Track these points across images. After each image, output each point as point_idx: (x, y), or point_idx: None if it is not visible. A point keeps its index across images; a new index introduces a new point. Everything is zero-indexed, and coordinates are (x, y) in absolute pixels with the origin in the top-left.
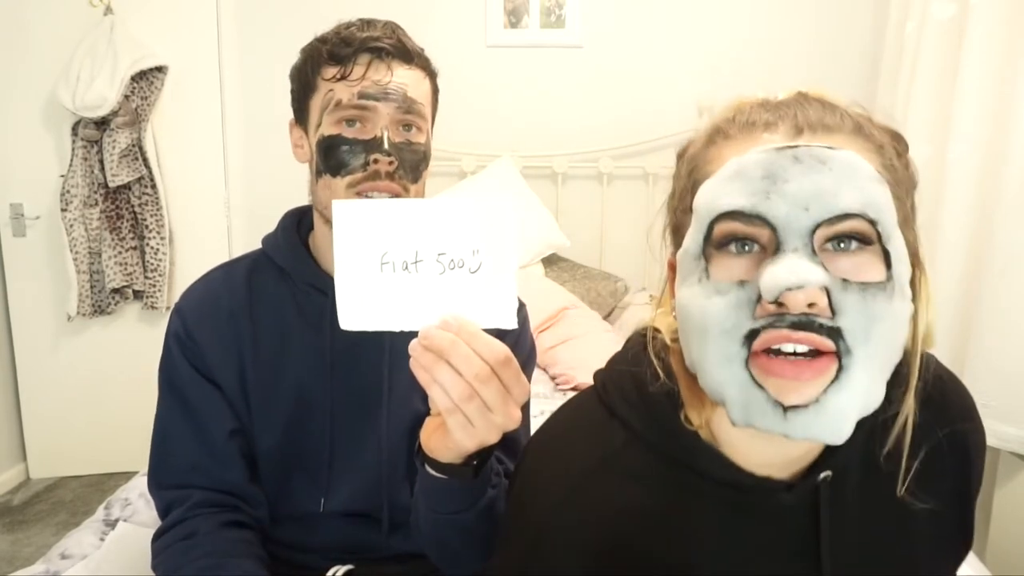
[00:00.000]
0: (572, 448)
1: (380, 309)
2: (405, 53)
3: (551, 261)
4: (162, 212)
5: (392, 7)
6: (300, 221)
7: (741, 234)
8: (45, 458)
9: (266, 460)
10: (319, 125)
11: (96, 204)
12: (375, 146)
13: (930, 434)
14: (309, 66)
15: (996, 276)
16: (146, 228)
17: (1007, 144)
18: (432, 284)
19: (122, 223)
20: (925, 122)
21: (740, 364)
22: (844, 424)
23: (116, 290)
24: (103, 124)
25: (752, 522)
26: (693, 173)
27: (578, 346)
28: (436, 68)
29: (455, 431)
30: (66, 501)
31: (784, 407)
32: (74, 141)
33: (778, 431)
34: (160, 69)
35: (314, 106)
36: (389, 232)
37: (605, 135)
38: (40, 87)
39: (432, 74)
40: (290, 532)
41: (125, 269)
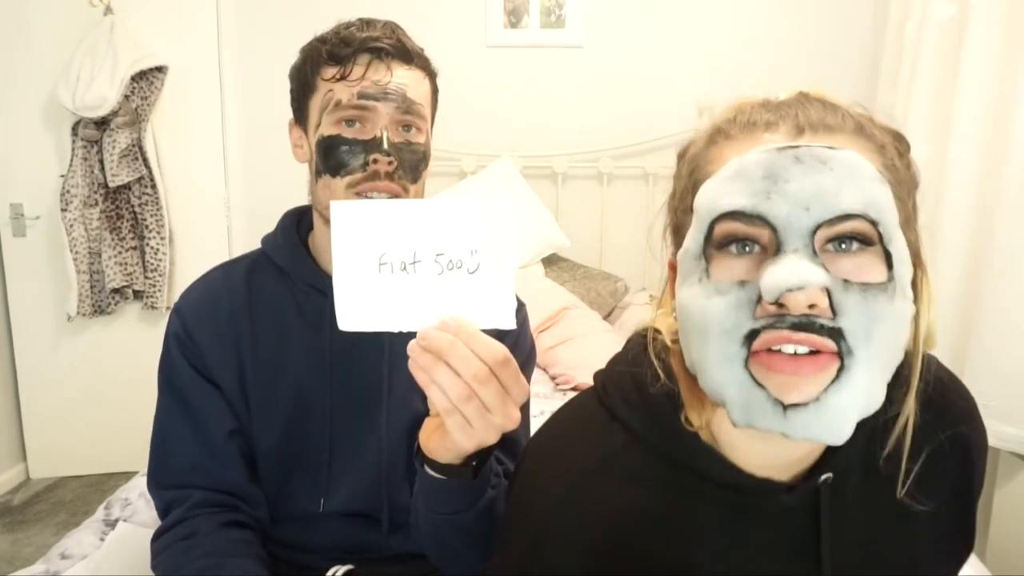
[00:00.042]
0: (572, 449)
1: (378, 310)
2: (405, 53)
3: (551, 261)
4: (162, 212)
5: (392, 7)
6: (300, 221)
7: (742, 234)
8: (45, 458)
9: (266, 460)
10: (318, 125)
11: (96, 204)
12: (374, 146)
13: (931, 436)
14: (308, 66)
15: (996, 276)
16: (146, 228)
17: (1007, 144)
18: (430, 285)
19: (122, 223)
20: (925, 122)
21: (740, 364)
22: (844, 424)
23: (116, 290)
24: (103, 124)
25: (752, 524)
26: (694, 173)
27: (578, 346)
28: (436, 68)
29: (454, 432)
30: (66, 501)
31: (784, 406)
32: (74, 141)
33: (778, 430)
34: (160, 69)
35: (313, 106)
36: (387, 233)
37: (605, 135)
38: (40, 87)
39: (432, 74)
40: (290, 532)
41: (125, 269)
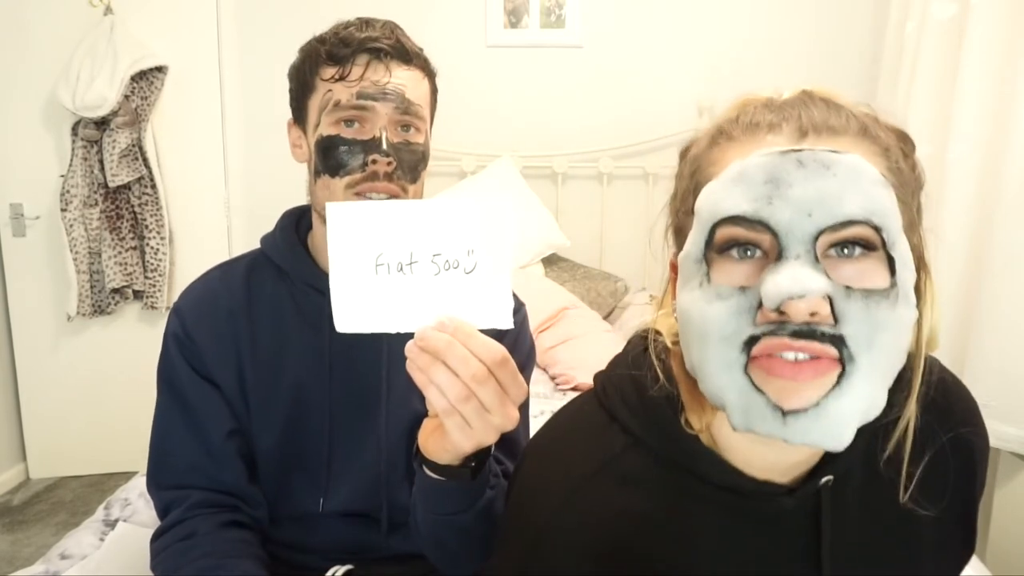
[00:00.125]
0: (572, 451)
1: (376, 311)
2: (404, 53)
3: (551, 261)
4: (162, 212)
5: (391, 7)
6: (299, 221)
7: (743, 239)
8: (45, 458)
9: (265, 460)
10: (317, 125)
11: (96, 204)
12: (373, 147)
13: (933, 438)
14: (307, 66)
15: (996, 276)
16: (146, 228)
17: (1007, 144)
18: (427, 285)
19: (122, 223)
20: (925, 122)
21: (740, 370)
22: (844, 430)
23: (116, 290)
24: (103, 124)
25: (753, 527)
26: (696, 174)
27: (578, 346)
28: (435, 68)
29: (452, 432)
30: (66, 501)
31: (784, 411)
32: (74, 141)
33: (778, 436)
34: (160, 69)
35: (312, 106)
36: (383, 233)
37: (605, 135)
38: (40, 87)
39: (431, 74)
40: (289, 532)
41: (125, 269)
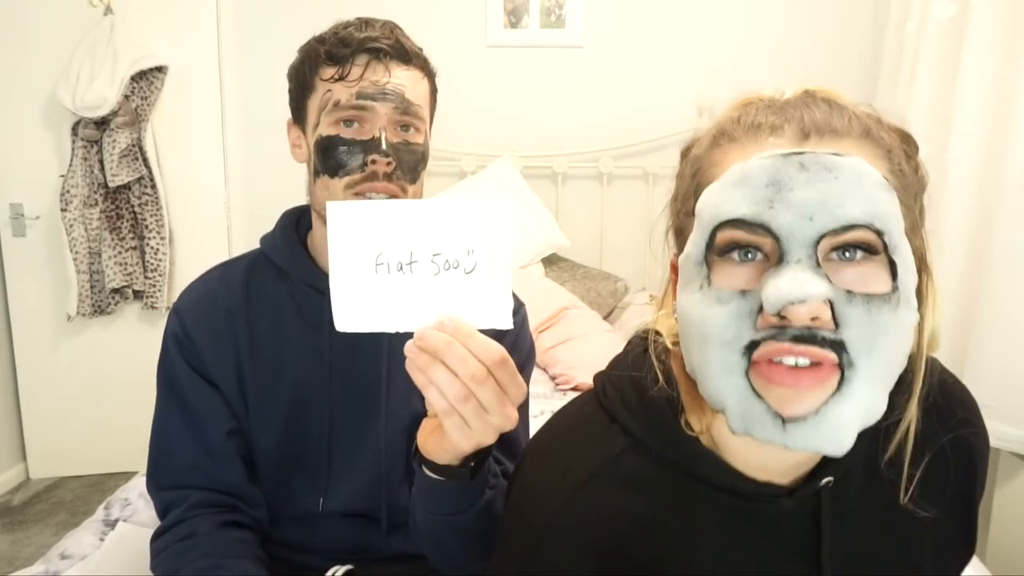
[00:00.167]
0: (572, 452)
1: (375, 310)
2: (403, 53)
3: (551, 261)
4: (162, 212)
5: (391, 7)
6: (299, 221)
7: (744, 242)
8: (45, 458)
9: (265, 460)
10: (317, 125)
11: (96, 204)
12: (373, 147)
13: (933, 440)
14: (307, 66)
15: (996, 276)
16: (146, 228)
17: (1007, 144)
18: (427, 285)
19: (122, 223)
20: (925, 122)
21: (740, 374)
22: (845, 436)
23: (116, 290)
24: (103, 124)
25: (753, 528)
26: (697, 175)
27: (578, 346)
28: (435, 68)
29: (451, 432)
30: (66, 501)
31: (784, 419)
32: (74, 141)
33: (778, 442)
34: (160, 69)
35: (312, 106)
36: (383, 233)
37: (605, 135)
38: (40, 87)
39: (430, 74)
40: (289, 532)
41: (125, 269)
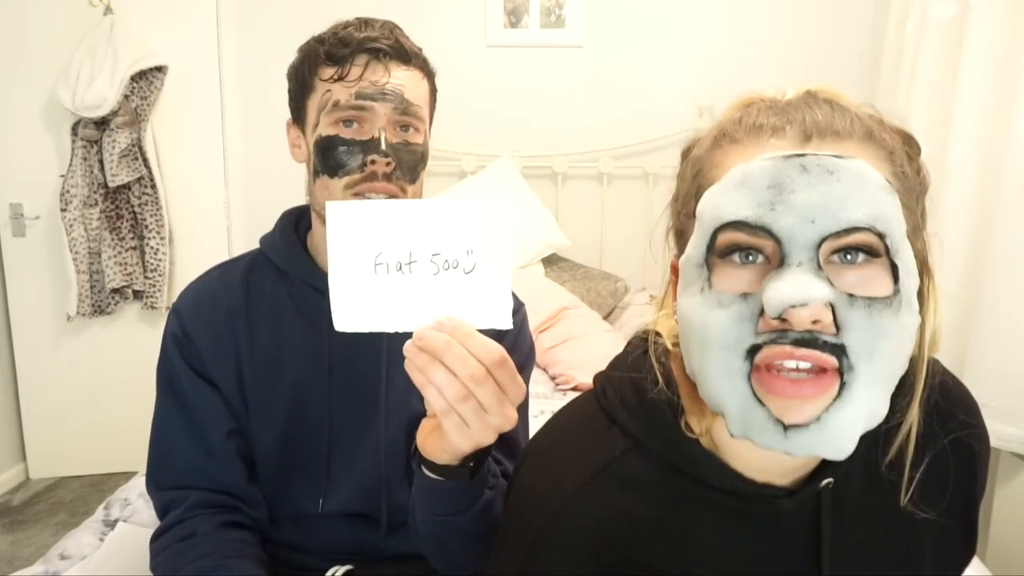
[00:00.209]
0: (572, 454)
1: (374, 310)
2: (403, 53)
3: (551, 261)
4: (162, 212)
5: (391, 7)
6: (298, 221)
7: (745, 244)
8: (45, 458)
9: (264, 460)
10: (316, 125)
11: (96, 204)
12: (372, 147)
13: (934, 441)
14: (306, 66)
15: (996, 276)
16: (146, 228)
17: (1007, 144)
18: (426, 285)
19: (122, 223)
20: (925, 122)
21: (742, 378)
22: (846, 442)
23: (116, 290)
24: (103, 124)
25: (753, 529)
26: (698, 177)
27: (578, 346)
28: (434, 68)
29: (451, 432)
30: (66, 501)
31: (785, 425)
32: (74, 141)
33: (778, 448)
34: (160, 69)
35: (311, 106)
36: (383, 233)
37: (605, 135)
38: (40, 87)
39: (430, 74)
40: (289, 533)
41: (125, 269)
